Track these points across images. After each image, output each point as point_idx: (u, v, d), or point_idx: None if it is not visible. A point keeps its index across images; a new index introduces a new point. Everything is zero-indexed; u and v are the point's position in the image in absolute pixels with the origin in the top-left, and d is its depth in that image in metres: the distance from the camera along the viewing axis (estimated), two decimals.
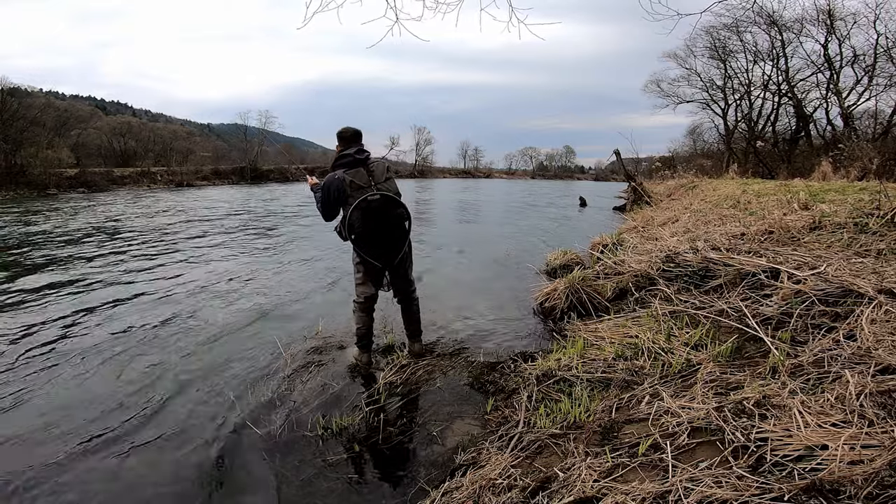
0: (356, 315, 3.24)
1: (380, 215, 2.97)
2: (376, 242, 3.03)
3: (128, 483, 2.13)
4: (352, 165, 3.01)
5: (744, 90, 23.27)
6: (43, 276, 5.89)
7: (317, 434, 2.45)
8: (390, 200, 3.00)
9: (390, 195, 3.01)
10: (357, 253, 3.09)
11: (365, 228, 2.95)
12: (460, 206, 18.54)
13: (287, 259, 7.09)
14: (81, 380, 3.09)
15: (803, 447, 1.52)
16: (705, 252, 4.14)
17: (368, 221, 2.94)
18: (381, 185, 3.02)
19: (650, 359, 2.70)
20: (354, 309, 3.26)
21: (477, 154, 76.40)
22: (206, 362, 3.34)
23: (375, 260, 3.07)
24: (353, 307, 3.28)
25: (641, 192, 14.00)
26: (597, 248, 6.52)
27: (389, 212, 3.00)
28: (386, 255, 3.09)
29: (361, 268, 3.16)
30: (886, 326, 2.26)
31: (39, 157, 26.23)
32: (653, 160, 28.26)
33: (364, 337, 3.25)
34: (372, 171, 3.03)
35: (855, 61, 18.31)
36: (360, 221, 2.93)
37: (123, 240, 8.93)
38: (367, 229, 2.95)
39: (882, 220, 3.94)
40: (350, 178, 2.96)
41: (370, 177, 3.00)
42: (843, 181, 10.57)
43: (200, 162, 40.10)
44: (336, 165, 3.06)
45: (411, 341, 3.42)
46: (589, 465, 1.74)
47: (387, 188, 3.04)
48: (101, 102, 74.92)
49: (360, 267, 3.17)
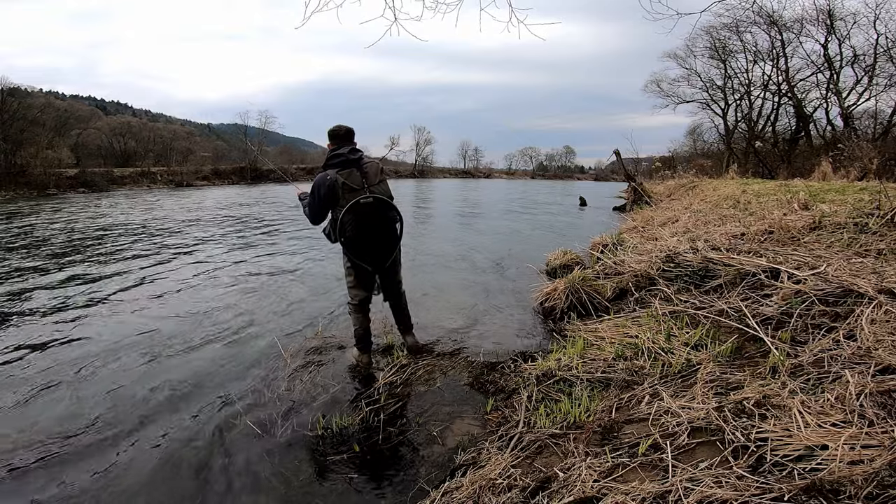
0: (352, 316, 3.24)
1: (372, 219, 2.90)
2: (368, 246, 2.97)
3: (127, 483, 2.13)
4: (344, 166, 2.91)
5: (744, 90, 23.30)
6: (43, 276, 5.89)
7: (317, 434, 2.45)
8: (383, 203, 2.93)
9: (383, 198, 2.94)
10: (347, 256, 3.04)
11: (357, 232, 2.88)
12: (460, 206, 18.53)
13: (287, 259, 7.09)
14: (79, 380, 3.09)
15: (803, 447, 1.52)
16: (705, 252, 4.14)
17: (361, 225, 2.87)
18: (374, 188, 2.94)
19: (650, 359, 2.70)
20: (350, 311, 3.26)
21: (477, 154, 76.40)
22: (206, 362, 3.34)
23: (366, 263, 3.01)
24: (348, 309, 3.27)
25: (641, 192, 14.00)
26: (597, 248, 6.51)
27: (382, 215, 2.94)
28: (377, 258, 3.04)
29: (352, 271, 3.11)
30: (886, 326, 2.26)
31: (39, 157, 26.24)
32: (653, 160, 28.23)
33: (362, 338, 3.23)
34: (366, 172, 2.93)
35: (855, 61, 18.33)
36: (353, 224, 2.86)
37: (122, 240, 8.93)
38: (358, 233, 2.89)
39: (882, 220, 3.94)
40: (343, 179, 2.86)
41: (364, 178, 2.91)
42: (843, 181, 10.57)
43: (200, 162, 40.09)
44: (328, 165, 2.96)
45: (405, 335, 3.44)
46: (589, 465, 1.74)
47: (380, 190, 2.97)
48: (101, 102, 74.93)
49: (350, 270, 3.13)
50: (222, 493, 2.07)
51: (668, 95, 25.59)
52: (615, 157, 16.86)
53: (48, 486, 2.11)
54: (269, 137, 45.23)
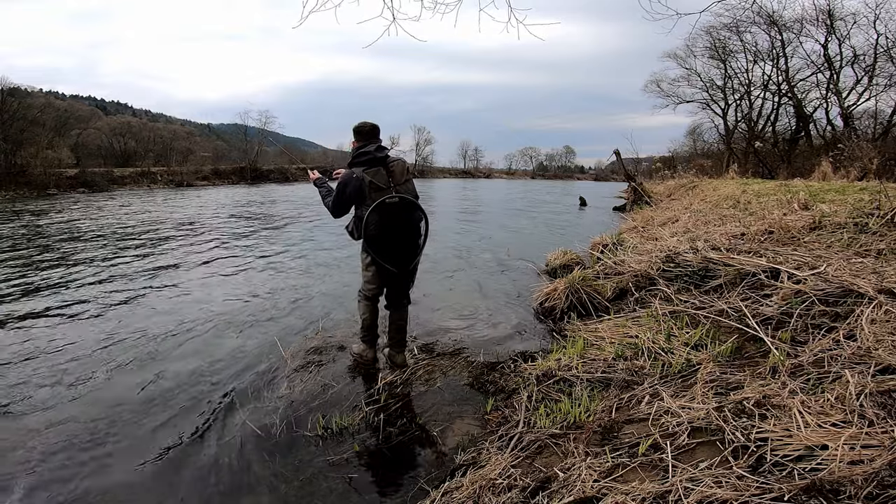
0: (361, 305, 3.14)
1: (398, 219, 2.83)
2: (392, 247, 2.89)
3: (127, 483, 2.13)
4: (371, 164, 2.83)
5: (744, 90, 23.29)
6: (41, 276, 5.89)
7: (317, 434, 2.45)
8: (409, 204, 2.86)
9: (409, 198, 2.87)
10: (369, 253, 2.96)
11: (381, 232, 2.82)
12: (460, 206, 18.53)
13: (287, 259, 7.09)
14: (78, 380, 3.09)
15: (803, 447, 1.52)
16: (705, 252, 4.14)
17: (385, 225, 2.80)
18: (400, 187, 2.85)
19: (650, 359, 2.70)
20: (360, 299, 3.16)
21: (477, 154, 76.38)
22: (206, 362, 3.34)
23: (389, 264, 2.91)
24: (358, 298, 3.17)
25: (641, 192, 14.01)
26: (597, 248, 6.52)
27: (408, 216, 2.87)
28: (400, 259, 2.93)
29: (373, 268, 3.03)
30: (886, 326, 2.26)
31: (39, 157, 26.21)
32: (653, 160, 28.29)
33: (370, 329, 3.16)
34: (392, 171, 2.86)
35: (855, 61, 18.33)
36: (377, 224, 2.80)
37: (122, 241, 8.93)
38: (383, 233, 2.82)
39: (882, 220, 3.94)
40: (370, 178, 2.79)
41: (390, 177, 2.84)
42: (843, 181, 10.57)
43: (200, 162, 40.07)
44: (355, 163, 2.88)
45: (395, 351, 3.16)
46: (589, 465, 1.74)
47: (406, 190, 2.88)
48: (100, 102, 74.78)
49: (371, 267, 3.04)
50: (222, 493, 2.07)
51: (668, 95, 25.61)
52: (615, 157, 16.88)
53: (47, 486, 2.11)
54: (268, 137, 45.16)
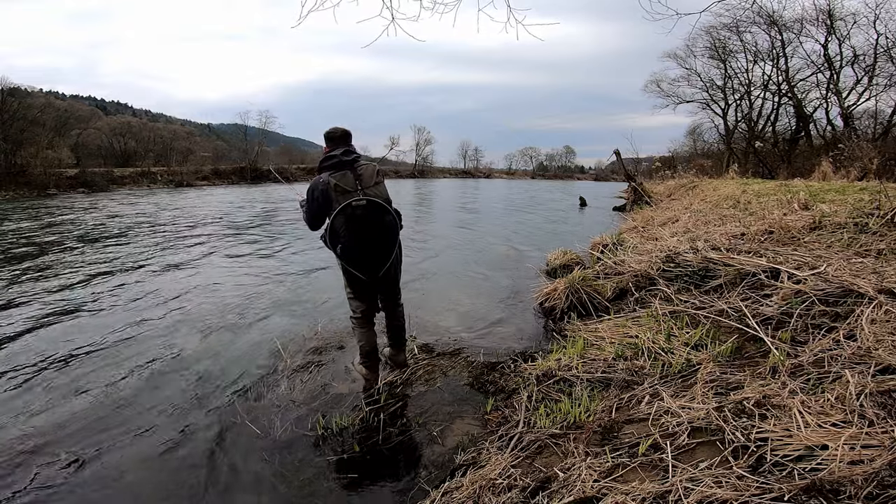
0: (356, 331, 3.04)
1: (366, 222, 2.73)
2: (361, 252, 2.79)
3: (126, 483, 2.13)
4: (338, 168, 2.76)
5: (744, 90, 23.29)
6: (40, 275, 5.89)
7: (317, 434, 2.45)
8: (377, 206, 2.76)
9: (378, 201, 2.76)
10: (341, 265, 2.88)
11: (350, 237, 2.73)
12: (461, 206, 18.53)
13: (287, 260, 7.09)
14: (78, 380, 3.09)
15: (803, 447, 1.52)
16: (705, 252, 4.14)
17: (353, 229, 2.72)
18: (368, 190, 2.76)
19: (650, 359, 2.70)
20: (352, 325, 3.06)
21: (477, 154, 76.14)
22: (206, 363, 3.34)
23: (359, 272, 2.82)
24: (351, 324, 3.08)
25: (641, 192, 14.00)
26: (597, 248, 6.51)
27: (376, 219, 2.76)
28: (371, 266, 2.83)
29: (348, 281, 2.95)
30: (886, 326, 2.26)
31: (39, 157, 26.20)
32: (653, 160, 28.23)
33: (369, 355, 3.03)
34: (360, 174, 2.77)
35: (855, 61, 18.33)
36: (345, 228, 2.70)
37: (120, 240, 8.93)
38: (351, 238, 2.74)
39: (882, 220, 3.94)
40: (335, 181, 2.70)
41: (357, 181, 2.75)
42: (843, 181, 10.57)
43: (200, 162, 40.05)
44: (321, 168, 2.82)
45: (394, 350, 3.18)
46: (589, 465, 1.74)
47: (375, 193, 2.79)
48: (101, 102, 74.86)
49: (347, 280, 2.97)
50: (222, 493, 2.07)
51: (668, 95, 25.62)
52: (615, 157, 16.88)
53: (48, 486, 2.11)
54: (269, 137, 45.19)
